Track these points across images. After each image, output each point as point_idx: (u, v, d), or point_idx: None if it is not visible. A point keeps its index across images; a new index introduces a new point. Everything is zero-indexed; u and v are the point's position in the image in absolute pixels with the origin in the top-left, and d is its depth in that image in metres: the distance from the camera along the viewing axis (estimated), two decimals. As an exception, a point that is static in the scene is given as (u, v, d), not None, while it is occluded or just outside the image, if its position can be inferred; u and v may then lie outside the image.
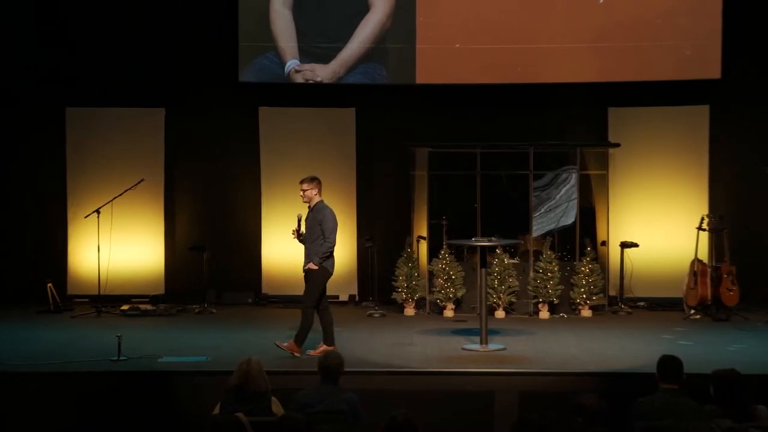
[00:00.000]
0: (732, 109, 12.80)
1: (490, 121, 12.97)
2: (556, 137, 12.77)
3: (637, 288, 12.68)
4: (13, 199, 13.23)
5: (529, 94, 12.92)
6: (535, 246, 12.33)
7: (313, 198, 9.75)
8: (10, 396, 8.45)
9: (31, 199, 13.26)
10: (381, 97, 13.22)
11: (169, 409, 8.33)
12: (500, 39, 12.70)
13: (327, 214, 9.66)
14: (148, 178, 12.77)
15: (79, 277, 13.06)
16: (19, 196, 13.23)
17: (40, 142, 13.22)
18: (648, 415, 6.14)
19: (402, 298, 12.35)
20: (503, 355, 9.59)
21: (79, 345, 10.01)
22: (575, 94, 12.94)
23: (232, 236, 13.36)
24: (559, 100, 13.00)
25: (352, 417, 6.51)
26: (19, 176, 13.23)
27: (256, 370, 6.56)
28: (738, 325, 11.29)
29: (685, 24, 12.54)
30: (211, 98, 13.24)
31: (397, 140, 12.94)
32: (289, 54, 12.94)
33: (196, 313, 12.29)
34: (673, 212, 12.72)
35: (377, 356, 9.48)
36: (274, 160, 13.21)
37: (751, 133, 12.85)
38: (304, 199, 9.81)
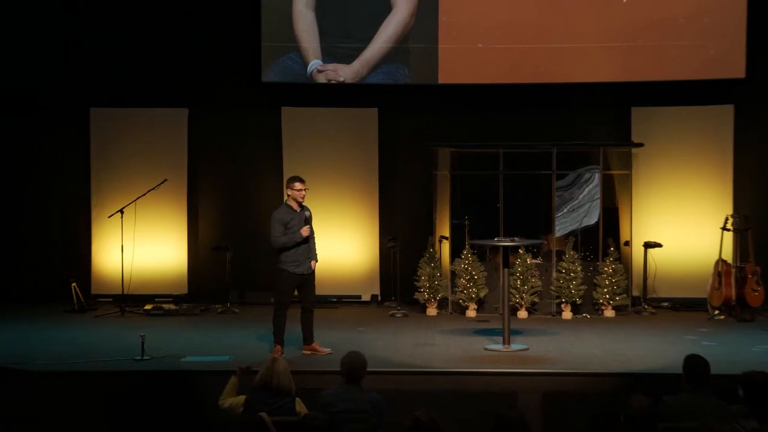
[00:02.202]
0: (757, 108, 12.73)
1: (513, 121, 12.95)
2: (579, 137, 12.73)
3: (661, 288, 12.63)
4: (38, 199, 13.31)
5: (551, 94, 12.90)
6: (558, 246, 12.30)
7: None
8: (35, 395, 8.50)
9: (56, 199, 13.33)
10: (403, 97, 13.22)
11: (192, 408, 8.35)
12: (522, 39, 12.68)
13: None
14: (171, 178, 12.82)
15: (103, 276, 13.13)
16: (43, 196, 13.30)
17: (64, 142, 13.29)
18: (672, 416, 6.12)
19: (424, 298, 12.34)
20: (526, 356, 9.57)
21: (103, 344, 10.06)
22: (598, 93, 12.91)
23: (255, 236, 13.33)
24: (582, 100, 12.96)
25: (376, 417, 6.51)
26: (44, 176, 13.31)
27: (282, 369, 6.59)
28: (763, 325, 11.22)
29: (709, 23, 12.49)
30: (234, 98, 13.28)
31: (420, 140, 12.93)
32: (311, 54, 12.97)
33: (219, 312, 12.32)
34: (697, 212, 12.66)
35: (400, 356, 9.48)
36: (297, 160, 13.22)
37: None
38: (302, 198, 9.77)
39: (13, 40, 13.16)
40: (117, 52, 13.16)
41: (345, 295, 13.10)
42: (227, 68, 13.22)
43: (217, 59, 13.18)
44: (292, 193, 9.73)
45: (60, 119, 13.24)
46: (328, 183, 13.11)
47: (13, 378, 8.64)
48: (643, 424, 5.63)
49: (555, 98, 12.91)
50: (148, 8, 13.13)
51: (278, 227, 9.60)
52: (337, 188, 13.13)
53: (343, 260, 13.15)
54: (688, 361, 6.44)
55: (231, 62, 13.22)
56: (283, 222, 9.62)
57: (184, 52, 13.16)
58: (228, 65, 13.23)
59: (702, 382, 6.30)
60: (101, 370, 8.82)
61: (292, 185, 9.74)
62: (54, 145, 13.28)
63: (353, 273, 13.16)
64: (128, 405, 8.41)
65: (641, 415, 5.66)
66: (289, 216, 9.66)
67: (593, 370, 8.76)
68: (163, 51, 13.16)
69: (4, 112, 13.16)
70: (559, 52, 12.68)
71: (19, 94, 13.14)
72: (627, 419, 5.68)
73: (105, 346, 9.95)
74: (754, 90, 12.61)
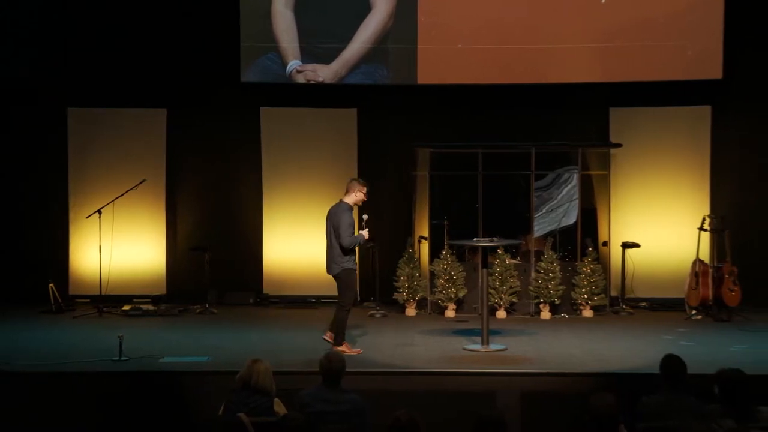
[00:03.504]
0: (734, 109, 12.81)
1: (492, 122, 12.98)
2: (558, 137, 12.76)
3: (639, 288, 12.68)
4: (15, 199, 13.23)
5: (530, 94, 12.93)
6: (537, 246, 12.33)
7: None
8: (13, 396, 8.45)
9: (33, 199, 13.26)
10: (383, 97, 13.22)
11: (170, 409, 8.33)
12: (502, 39, 12.71)
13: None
14: (149, 179, 12.79)
15: (81, 277, 13.07)
16: (21, 196, 13.23)
17: (42, 142, 13.22)
18: (650, 416, 6.14)
19: (403, 298, 12.35)
20: (504, 356, 9.59)
21: (81, 345, 10.01)
22: (577, 94, 12.95)
23: (234, 236, 13.37)
24: (561, 100, 13.00)
25: (355, 418, 6.51)
26: (21, 176, 13.23)
27: (263, 369, 6.58)
28: (740, 325, 11.29)
29: (686, 24, 12.55)
30: (213, 99, 13.25)
31: (399, 140, 12.95)
32: (290, 54, 12.95)
33: (197, 313, 12.29)
34: (675, 212, 12.73)
35: (379, 357, 9.48)
36: (276, 161, 13.22)
37: (753, 133, 12.86)
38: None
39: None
40: (95, 52, 13.10)
41: (324, 295, 13.07)
42: (206, 68, 13.18)
43: (196, 59, 13.14)
44: (358, 196, 9.71)
45: (38, 119, 13.17)
46: (308, 183, 13.12)
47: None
48: (607, 422, 5.63)
49: (534, 98, 12.94)
50: (126, 8, 13.07)
51: (351, 227, 9.56)
52: (316, 188, 13.11)
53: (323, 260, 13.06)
54: (665, 362, 6.47)
55: (210, 62, 13.18)
56: (353, 223, 9.62)
57: (163, 52, 13.12)
58: (207, 65, 13.18)
59: (679, 382, 6.33)
60: (79, 371, 8.77)
61: (362, 189, 9.74)
62: (32, 145, 13.20)
63: (332, 273, 13.13)
64: (106, 406, 8.37)
65: (605, 414, 5.66)
66: (353, 217, 9.68)
67: (571, 370, 8.78)
68: (142, 51, 13.11)
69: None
70: (538, 53, 12.71)
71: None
72: (591, 418, 5.68)
73: (83, 346, 9.90)
74: (732, 91, 12.69)
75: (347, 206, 9.66)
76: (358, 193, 9.71)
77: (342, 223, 9.51)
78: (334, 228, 9.59)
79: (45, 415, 8.28)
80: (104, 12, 13.06)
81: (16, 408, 8.33)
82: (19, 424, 8.22)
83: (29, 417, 8.26)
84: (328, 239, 9.70)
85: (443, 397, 8.30)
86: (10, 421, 8.21)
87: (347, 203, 9.70)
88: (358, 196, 9.71)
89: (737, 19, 12.50)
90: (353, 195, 9.71)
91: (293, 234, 13.16)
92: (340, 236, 9.51)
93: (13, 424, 8.21)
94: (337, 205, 9.74)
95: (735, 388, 6.17)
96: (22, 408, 8.34)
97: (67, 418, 8.25)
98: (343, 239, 9.50)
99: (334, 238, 9.61)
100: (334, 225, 9.59)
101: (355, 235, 9.61)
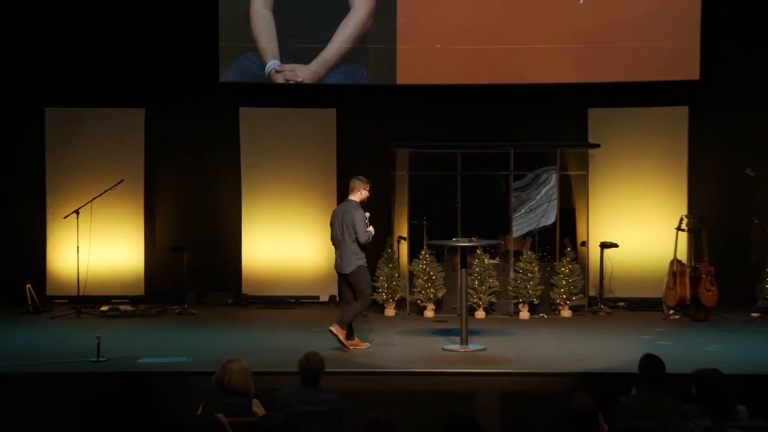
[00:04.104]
0: (711, 109, 12.88)
1: (471, 122, 13.00)
2: (537, 138, 12.80)
3: (617, 288, 12.73)
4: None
5: (509, 95, 12.96)
6: (516, 246, 12.36)
7: None
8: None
9: (10, 199, 13.19)
10: (362, 97, 13.22)
11: (148, 410, 8.30)
12: (481, 40, 12.73)
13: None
14: (127, 179, 12.74)
15: (59, 277, 13.01)
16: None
17: (19, 142, 13.16)
18: (628, 415, 6.16)
19: (382, 298, 12.35)
20: (483, 356, 9.60)
21: (59, 346, 9.95)
22: (555, 94, 12.99)
23: (213, 237, 13.34)
24: (540, 101, 13.04)
25: (334, 418, 6.51)
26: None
27: (237, 369, 6.55)
28: (716, 325, 11.34)
29: (664, 25, 12.60)
30: (192, 99, 13.22)
31: (378, 141, 12.95)
32: (269, 54, 12.93)
33: (176, 313, 12.25)
34: (653, 213, 12.79)
35: (358, 357, 9.48)
36: (255, 161, 13.20)
37: (729, 133, 12.93)
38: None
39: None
40: (73, 52, 13.05)
41: (303, 295, 13.09)
42: (184, 68, 13.15)
43: (175, 59, 13.10)
44: (363, 193, 9.89)
45: (15, 119, 13.10)
46: (287, 183, 13.12)
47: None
48: (586, 422, 5.65)
49: (513, 99, 12.98)
50: (104, 8, 13.02)
51: (365, 223, 9.75)
52: (295, 188, 13.13)
53: (302, 260, 13.14)
54: (644, 361, 6.48)
55: (188, 62, 13.14)
56: (365, 219, 9.78)
57: (141, 52, 13.08)
58: (185, 65, 13.15)
59: (657, 382, 6.35)
60: (57, 372, 8.72)
61: (365, 186, 9.91)
62: (9, 145, 13.14)
63: (311, 273, 13.14)
64: (84, 407, 8.33)
65: (583, 414, 5.68)
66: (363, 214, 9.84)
67: (550, 370, 8.80)
68: (120, 51, 13.07)
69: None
70: (517, 53, 12.74)
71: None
72: (569, 418, 5.70)
73: (60, 347, 9.85)
74: (709, 91, 12.75)
75: (356, 204, 9.82)
76: (363, 191, 9.89)
77: (357, 220, 9.70)
78: (347, 226, 9.74)
79: (22, 416, 8.23)
80: (82, 11, 13.00)
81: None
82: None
83: (6, 418, 8.21)
84: (339, 238, 9.82)
85: (422, 397, 8.29)
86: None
87: (355, 201, 9.85)
88: (363, 193, 9.90)
89: (714, 19, 12.57)
90: (359, 193, 9.89)
91: (272, 234, 13.15)
92: (358, 232, 9.68)
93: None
94: (345, 204, 9.91)
95: (712, 388, 6.20)
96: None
97: (44, 419, 8.21)
98: (361, 235, 9.70)
99: (347, 237, 9.76)
100: (347, 223, 9.74)
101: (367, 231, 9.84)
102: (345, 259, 9.82)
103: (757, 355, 9.53)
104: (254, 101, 13.24)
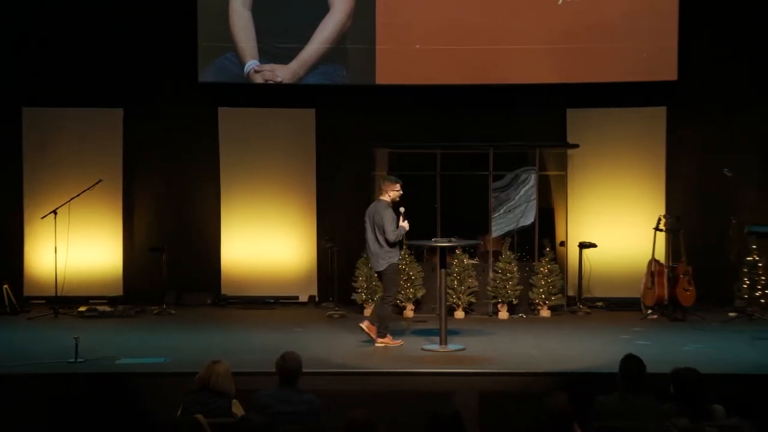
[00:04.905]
0: (689, 110, 12.95)
1: (450, 122, 13.02)
2: (516, 138, 12.83)
3: (596, 288, 12.78)
4: (-31, 199, 13.10)
5: (488, 95, 12.98)
6: (495, 246, 12.39)
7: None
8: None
9: (-13, 199, 13.14)
10: (341, 97, 13.22)
11: (127, 411, 8.27)
12: (460, 40, 12.74)
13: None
14: (106, 179, 12.69)
15: (36, 278, 12.95)
16: (-26, 196, 13.10)
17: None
18: (606, 415, 6.18)
19: (362, 298, 12.35)
20: (463, 356, 9.61)
21: (36, 347, 9.89)
22: (535, 95, 13.02)
23: (192, 237, 13.31)
24: (519, 101, 13.07)
25: (312, 418, 6.50)
26: (-25, 177, 13.11)
27: (223, 371, 6.55)
28: (694, 324, 11.39)
29: (642, 26, 12.65)
30: (171, 99, 13.18)
31: (358, 141, 12.96)
32: (248, 54, 12.90)
33: (154, 314, 12.22)
34: (631, 213, 12.84)
35: (337, 357, 9.47)
36: (234, 161, 13.18)
37: (707, 134, 13.00)
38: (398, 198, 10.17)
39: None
40: (50, 51, 12.99)
41: (282, 295, 13.08)
42: (163, 68, 13.11)
43: (153, 59, 13.07)
44: (393, 195, 10.10)
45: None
46: (266, 183, 13.11)
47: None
48: (563, 422, 5.66)
49: (492, 99, 13.00)
50: (83, 7, 12.97)
51: (394, 222, 9.97)
52: (274, 189, 13.11)
53: (281, 261, 13.13)
54: (625, 362, 6.48)
55: (167, 62, 13.11)
56: (395, 218, 10.02)
57: (120, 52, 13.03)
58: (164, 65, 13.12)
59: (637, 383, 6.36)
60: (34, 373, 8.67)
61: (394, 187, 10.12)
62: (-14, 145, 13.08)
63: (291, 273, 13.14)
64: (62, 408, 8.29)
65: (559, 414, 5.69)
66: (393, 212, 10.05)
67: (529, 370, 8.81)
68: (98, 50, 13.02)
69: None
70: (496, 54, 12.76)
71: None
72: (547, 418, 5.71)
73: (38, 348, 9.79)
74: (686, 92, 12.81)
75: (386, 203, 10.08)
76: (391, 191, 10.11)
77: (386, 219, 9.94)
78: (377, 226, 9.99)
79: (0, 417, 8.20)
80: (60, 10, 12.95)
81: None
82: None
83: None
84: (371, 237, 10.08)
85: (401, 397, 8.29)
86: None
87: (385, 201, 10.09)
88: (392, 194, 10.12)
89: (691, 21, 12.63)
90: (387, 194, 10.13)
91: (251, 234, 13.13)
92: (387, 232, 9.93)
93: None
94: (376, 203, 10.16)
95: (690, 387, 6.22)
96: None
97: (22, 420, 8.16)
98: (389, 234, 9.92)
99: (378, 236, 10.01)
100: (377, 223, 10.01)
101: (398, 228, 10.03)
102: (376, 258, 10.09)
103: (734, 354, 9.58)
104: (233, 101, 13.22)
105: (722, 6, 12.77)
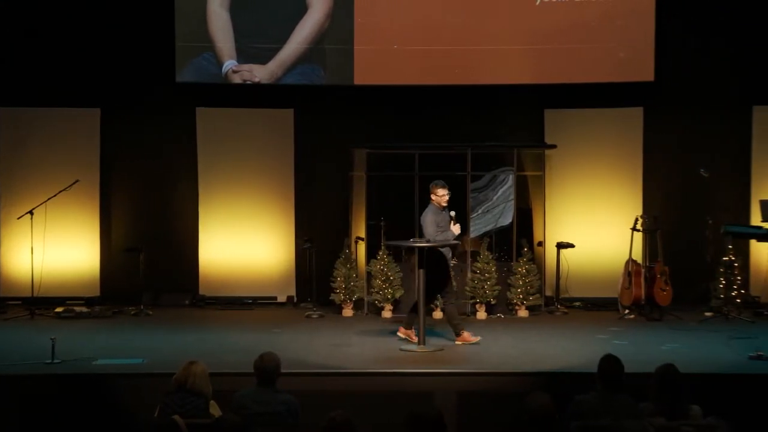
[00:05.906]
0: (665, 111, 13.01)
1: (429, 123, 13.03)
2: (494, 138, 12.85)
3: (573, 288, 12.82)
4: (-56, 200, 13.00)
5: (467, 96, 13.00)
6: (473, 247, 12.41)
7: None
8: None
9: (-37, 200, 13.04)
10: (319, 98, 13.21)
11: (104, 412, 8.23)
12: (438, 40, 12.76)
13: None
14: (83, 179, 12.62)
15: (12, 278, 12.88)
16: (-50, 197, 13.00)
17: (-29, 142, 13.02)
18: (584, 414, 6.20)
19: (340, 299, 12.34)
20: (441, 356, 9.63)
21: (12, 348, 9.84)
22: (512, 95, 13.05)
23: (169, 237, 13.26)
24: (497, 102, 13.10)
25: (290, 418, 6.49)
26: (-49, 177, 13.01)
27: (200, 371, 6.53)
28: (671, 324, 11.45)
29: (619, 27, 12.71)
30: (148, 98, 13.13)
31: (336, 141, 12.95)
32: (226, 54, 12.87)
33: (132, 315, 12.17)
34: (608, 213, 12.89)
35: (315, 357, 9.45)
36: (212, 161, 13.15)
37: (684, 134, 13.06)
38: (446, 203, 10.35)
39: None
40: (27, 51, 12.91)
41: (260, 296, 13.05)
42: (141, 68, 13.06)
43: (131, 59, 13.01)
44: (436, 199, 10.28)
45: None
46: (244, 184, 13.08)
47: None
48: (544, 421, 5.67)
49: (470, 100, 13.02)
50: (60, 6, 12.91)
51: (433, 227, 10.15)
52: (252, 189, 13.09)
53: (259, 261, 13.10)
54: (604, 363, 6.49)
55: (144, 62, 13.06)
56: (436, 222, 10.20)
57: (97, 51, 12.98)
58: (141, 65, 13.06)
59: (616, 383, 6.37)
60: (11, 374, 8.63)
61: (435, 191, 10.31)
62: (-39, 145, 12.99)
63: (269, 274, 13.11)
64: (38, 409, 8.25)
65: (541, 413, 5.70)
66: (439, 216, 10.25)
67: (508, 370, 8.83)
68: (75, 50, 12.96)
69: None
70: (474, 54, 12.79)
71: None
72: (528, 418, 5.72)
73: (14, 349, 9.73)
74: (663, 92, 12.88)
75: (432, 208, 10.28)
76: (433, 195, 10.33)
77: (426, 223, 10.20)
78: (422, 227, 10.29)
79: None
80: (38, 10, 12.88)
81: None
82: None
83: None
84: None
85: (380, 397, 8.29)
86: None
87: (433, 205, 10.31)
88: (435, 198, 10.32)
89: (668, 22, 12.69)
90: (432, 196, 10.35)
91: (229, 235, 13.10)
92: (426, 234, 10.19)
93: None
94: (428, 207, 10.36)
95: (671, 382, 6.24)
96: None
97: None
98: (428, 236, 10.11)
99: (423, 237, 10.28)
100: (422, 224, 10.26)
101: (447, 231, 10.20)
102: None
103: (710, 354, 9.63)
104: (211, 101, 13.18)
105: (699, 7, 12.83)
